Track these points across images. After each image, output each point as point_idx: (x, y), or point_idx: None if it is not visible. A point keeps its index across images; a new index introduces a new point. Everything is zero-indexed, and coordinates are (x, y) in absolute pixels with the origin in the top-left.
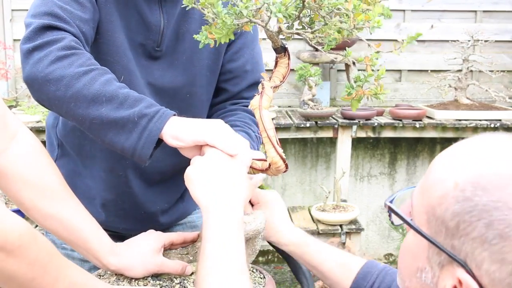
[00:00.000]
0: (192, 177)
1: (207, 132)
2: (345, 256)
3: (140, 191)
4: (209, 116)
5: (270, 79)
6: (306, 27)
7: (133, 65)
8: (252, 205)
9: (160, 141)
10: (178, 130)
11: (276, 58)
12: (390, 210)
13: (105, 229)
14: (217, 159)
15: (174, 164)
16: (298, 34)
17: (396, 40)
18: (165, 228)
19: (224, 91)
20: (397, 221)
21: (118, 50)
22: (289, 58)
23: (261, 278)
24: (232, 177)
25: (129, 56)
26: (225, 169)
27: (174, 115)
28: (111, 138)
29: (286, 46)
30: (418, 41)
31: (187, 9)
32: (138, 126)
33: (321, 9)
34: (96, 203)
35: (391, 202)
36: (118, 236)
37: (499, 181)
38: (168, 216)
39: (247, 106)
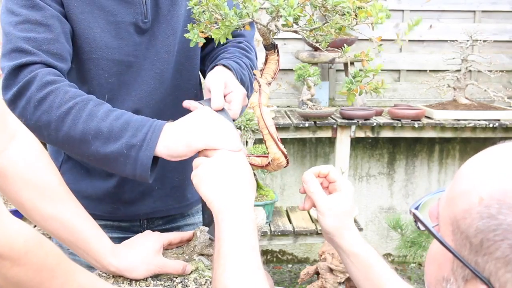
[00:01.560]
0: (203, 179)
1: (203, 138)
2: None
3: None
4: (205, 68)
5: (261, 76)
6: (291, 25)
7: (123, 52)
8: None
9: (157, 158)
10: (173, 147)
11: (266, 55)
12: (416, 218)
13: (122, 219)
14: (224, 160)
15: None
16: (295, 32)
17: (395, 40)
18: (187, 207)
19: (208, 42)
20: (423, 227)
21: (98, 44)
22: (278, 55)
23: None
24: (242, 177)
25: (113, 45)
26: (234, 170)
27: (163, 127)
28: (111, 169)
29: (276, 43)
30: (417, 41)
31: (192, 10)
32: (129, 158)
33: (325, 8)
34: (109, 200)
35: (416, 208)
36: (128, 229)
37: None
38: (189, 191)
39: (237, 42)
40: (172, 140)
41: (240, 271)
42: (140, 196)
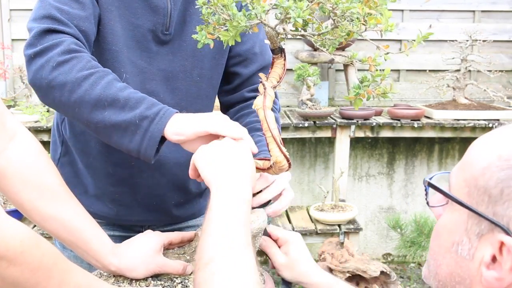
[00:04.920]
0: (200, 157)
1: (207, 122)
2: None
3: (154, 182)
4: (228, 108)
5: (267, 79)
6: (299, 29)
7: (137, 54)
8: (276, 241)
9: (164, 139)
10: (179, 126)
11: (273, 58)
12: (430, 186)
13: (116, 223)
14: (224, 142)
15: (190, 155)
16: (303, 36)
17: (396, 40)
18: (180, 221)
19: (236, 75)
20: (433, 200)
21: (119, 39)
22: (285, 59)
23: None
24: (239, 155)
25: (130, 45)
26: (232, 149)
27: (176, 113)
28: (116, 141)
29: (283, 47)
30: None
31: (201, 11)
32: (140, 129)
33: (334, 13)
34: (104, 199)
35: (430, 179)
36: (129, 228)
37: None
38: (184, 210)
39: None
40: (181, 119)
41: (229, 245)
42: (135, 207)
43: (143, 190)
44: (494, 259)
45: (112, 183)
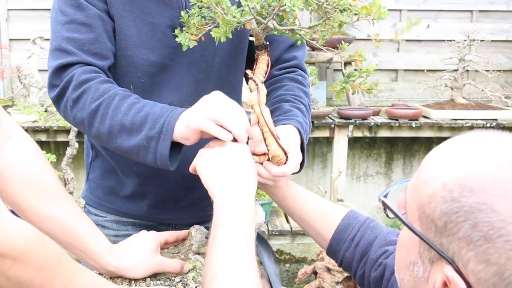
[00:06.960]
0: (203, 166)
1: (200, 119)
2: (327, 205)
3: (179, 176)
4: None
5: (253, 75)
6: (277, 24)
7: (160, 54)
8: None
9: (179, 145)
10: (182, 133)
11: (257, 54)
12: (384, 206)
13: (148, 224)
14: (225, 150)
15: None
16: (292, 30)
17: (392, 40)
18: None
19: None
20: (392, 214)
21: (135, 43)
22: (269, 55)
23: None
24: (244, 168)
25: (151, 45)
26: (234, 159)
27: (177, 118)
28: (136, 159)
29: (267, 43)
30: (414, 40)
31: (196, 5)
32: (150, 149)
33: (320, 7)
34: (134, 198)
35: (385, 196)
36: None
37: (485, 183)
38: None
39: (292, 67)
40: (183, 124)
41: (232, 263)
42: (165, 204)
43: (171, 186)
44: (445, 284)
45: (140, 183)
